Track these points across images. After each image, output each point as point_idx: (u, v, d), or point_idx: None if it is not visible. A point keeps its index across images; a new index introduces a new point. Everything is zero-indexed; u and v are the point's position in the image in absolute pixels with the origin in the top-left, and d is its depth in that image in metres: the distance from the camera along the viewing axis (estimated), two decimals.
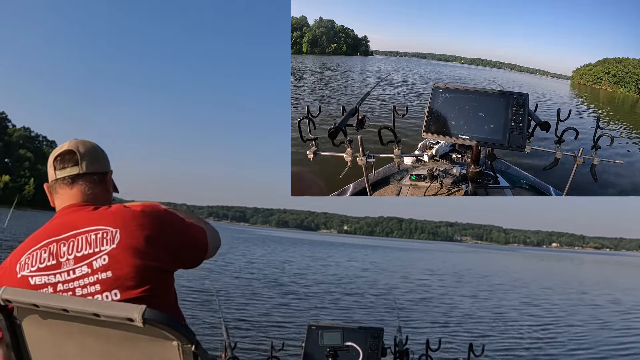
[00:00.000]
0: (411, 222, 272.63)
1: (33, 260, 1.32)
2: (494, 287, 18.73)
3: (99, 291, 1.26)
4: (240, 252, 28.27)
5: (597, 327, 10.52)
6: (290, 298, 11.47)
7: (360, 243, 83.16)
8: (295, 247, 42.20)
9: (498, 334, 9.05)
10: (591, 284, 24.64)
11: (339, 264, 26.51)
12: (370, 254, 41.90)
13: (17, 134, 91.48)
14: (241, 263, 20.82)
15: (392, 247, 71.79)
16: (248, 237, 62.26)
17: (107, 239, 1.29)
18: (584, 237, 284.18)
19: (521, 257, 76.21)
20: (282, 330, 7.69)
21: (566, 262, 63.63)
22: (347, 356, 2.30)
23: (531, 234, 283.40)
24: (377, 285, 16.11)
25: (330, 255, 34.97)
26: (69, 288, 1.28)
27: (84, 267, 1.28)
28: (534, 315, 11.66)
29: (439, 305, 12.35)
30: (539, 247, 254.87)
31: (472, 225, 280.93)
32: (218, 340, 2.93)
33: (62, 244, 1.32)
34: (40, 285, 1.29)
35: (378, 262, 31.34)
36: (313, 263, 24.89)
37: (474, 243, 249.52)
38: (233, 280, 14.06)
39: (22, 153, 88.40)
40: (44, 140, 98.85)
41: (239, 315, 8.55)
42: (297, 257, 28.93)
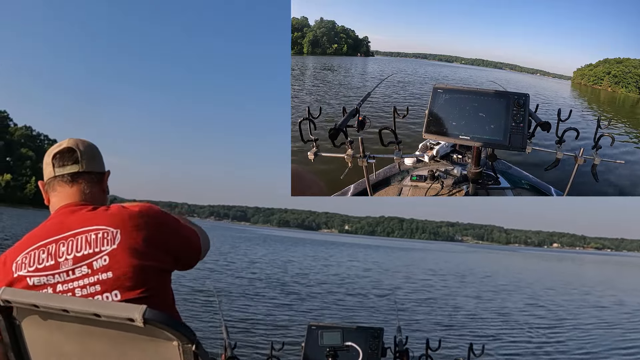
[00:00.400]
0: (412, 222, 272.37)
1: (31, 260, 1.30)
2: (494, 287, 18.72)
3: (99, 292, 1.26)
4: (241, 252, 28.28)
5: (595, 327, 10.51)
6: (291, 298, 11.47)
7: (361, 243, 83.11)
8: (296, 247, 42.21)
9: (498, 334, 9.04)
10: (594, 284, 24.61)
11: (339, 263, 26.51)
12: (371, 254, 41.89)
13: (19, 133, 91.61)
14: (242, 263, 20.82)
15: (393, 247, 71.77)
16: (249, 236, 62.24)
17: (108, 239, 1.28)
18: (585, 237, 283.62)
19: (522, 257, 76.17)
20: (282, 330, 7.69)
21: (567, 262, 63.59)
22: (347, 356, 2.30)
23: (532, 234, 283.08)
24: (377, 286, 16.11)
25: (331, 255, 34.97)
26: (69, 289, 1.27)
27: (84, 267, 1.27)
28: (534, 315, 11.65)
29: (439, 305, 12.35)
30: (540, 248, 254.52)
31: (473, 225, 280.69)
32: (218, 340, 2.93)
33: (62, 243, 1.30)
34: (39, 286, 1.28)
35: (380, 261, 31.34)
36: (314, 263, 24.89)
37: (475, 243, 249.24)
38: (234, 280, 14.07)
39: (23, 152, 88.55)
40: (45, 139, 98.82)
41: (239, 315, 8.56)
42: (298, 256, 28.94)
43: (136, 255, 1.28)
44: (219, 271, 16.35)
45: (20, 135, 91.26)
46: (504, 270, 33.72)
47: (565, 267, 48.60)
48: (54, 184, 1.45)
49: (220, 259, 20.63)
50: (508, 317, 11.12)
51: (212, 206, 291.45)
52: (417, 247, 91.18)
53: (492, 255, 70.05)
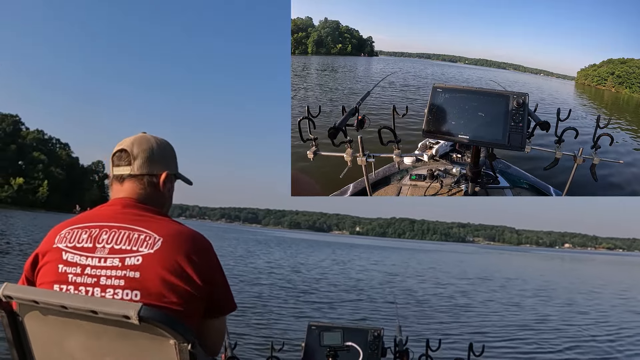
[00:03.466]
0: (423, 223, 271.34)
1: (72, 237, 1.35)
2: (494, 287, 18.71)
3: (122, 286, 1.27)
4: (248, 252, 28.29)
5: (595, 326, 10.51)
6: (291, 298, 11.47)
7: (372, 244, 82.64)
8: (303, 249, 42.14)
9: (498, 334, 9.04)
10: (605, 284, 24.57)
11: (344, 263, 26.52)
12: (388, 256, 41.89)
13: (31, 136, 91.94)
14: (241, 263, 20.82)
15: (403, 248, 71.68)
16: (261, 238, 62.00)
17: (148, 242, 1.31)
18: (596, 237, 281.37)
19: (534, 257, 75.73)
20: (282, 330, 7.68)
21: (580, 263, 63.45)
22: (347, 356, 2.30)
23: (543, 234, 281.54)
24: (377, 285, 16.11)
25: (337, 255, 34.96)
26: (95, 275, 1.29)
27: (116, 259, 1.29)
28: (534, 315, 11.64)
29: (439, 305, 12.34)
30: (551, 248, 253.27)
31: (484, 226, 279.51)
32: None
33: (105, 231, 1.34)
34: (71, 263, 1.32)
35: (380, 262, 31.34)
36: (319, 263, 24.89)
37: (487, 244, 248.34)
38: (233, 280, 14.06)
39: (35, 155, 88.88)
40: (57, 143, 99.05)
41: (239, 315, 8.54)
42: (304, 257, 28.92)
43: (169, 269, 1.29)
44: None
45: (32, 139, 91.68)
46: (505, 270, 33.72)
47: (580, 267, 48.61)
48: (111, 182, 1.50)
49: (222, 260, 20.60)
50: (508, 317, 11.12)
51: (223, 208, 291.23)
52: (428, 248, 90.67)
53: (494, 256, 70.01)
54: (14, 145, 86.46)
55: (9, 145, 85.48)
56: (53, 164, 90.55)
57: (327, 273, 19.36)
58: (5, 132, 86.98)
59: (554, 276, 29.66)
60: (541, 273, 32.26)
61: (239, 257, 23.66)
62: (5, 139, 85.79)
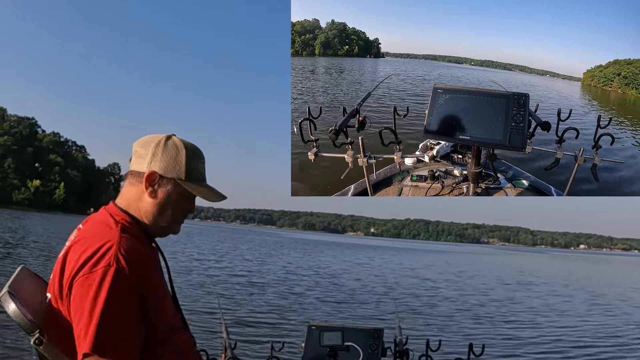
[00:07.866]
0: (438, 224, 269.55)
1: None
2: (494, 288, 18.69)
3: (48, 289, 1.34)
4: (251, 253, 28.29)
5: (594, 324, 10.49)
6: (291, 298, 11.46)
7: (388, 245, 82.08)
8: (313, 250, 42.04)
9: (499, 334, 9.04)
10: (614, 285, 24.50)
11: (345, 263, 26.51)
12: (379, 255, 41.86)
13: (47, 139, 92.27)
14: (241, 263, 20.82)
15: (417, 249, 71.43)
16: (277, 240, 61.91)
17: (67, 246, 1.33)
18: (612, 238, 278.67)
19: (550, 258, 75.18)
20: (282, 331, 7.69)
21: (594, 263, 63.18)
22: (347, 356, 2.30)
23: (559, 235, 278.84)
24: (377, 286, 16.10)
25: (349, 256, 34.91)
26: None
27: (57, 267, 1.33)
28: (534, 315, 11.64)
29: (439, 305, 12.34)
30: (567, 249, 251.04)
31: (499, 227, 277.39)
32: (218, 340, 2.93)
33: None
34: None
35: (381, 262, 31.31)
36: (319, 264, 24.88)
37: (502, 245, 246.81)
38: (234, 280, 14.06)
39: (52, 158, 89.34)
40: (74, 145, 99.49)
41: (239, 315, 8.55)
42: (305, 259, 28.90)
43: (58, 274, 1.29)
44: (218, 272, 16.36)
45: (48, 142, 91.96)
46: (506, 269, 33.68)
47: (593, 268, 48.48)
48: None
49: (223, 261, 20.65)
50: (508, 318, 11.11)
51: (237, 210, 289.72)
52: (443, 249, 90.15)
53: (498, 257, 69.91)
54: (30, 148, 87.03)
55: (26, 148, 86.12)
56: (69, 166, 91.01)
57: (327, 273, 19.34)
58: (22, 135, 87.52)
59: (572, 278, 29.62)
60: (561, 274, 32.33)
61: (240, 259, 23.67)
62: (21, 141, 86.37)
